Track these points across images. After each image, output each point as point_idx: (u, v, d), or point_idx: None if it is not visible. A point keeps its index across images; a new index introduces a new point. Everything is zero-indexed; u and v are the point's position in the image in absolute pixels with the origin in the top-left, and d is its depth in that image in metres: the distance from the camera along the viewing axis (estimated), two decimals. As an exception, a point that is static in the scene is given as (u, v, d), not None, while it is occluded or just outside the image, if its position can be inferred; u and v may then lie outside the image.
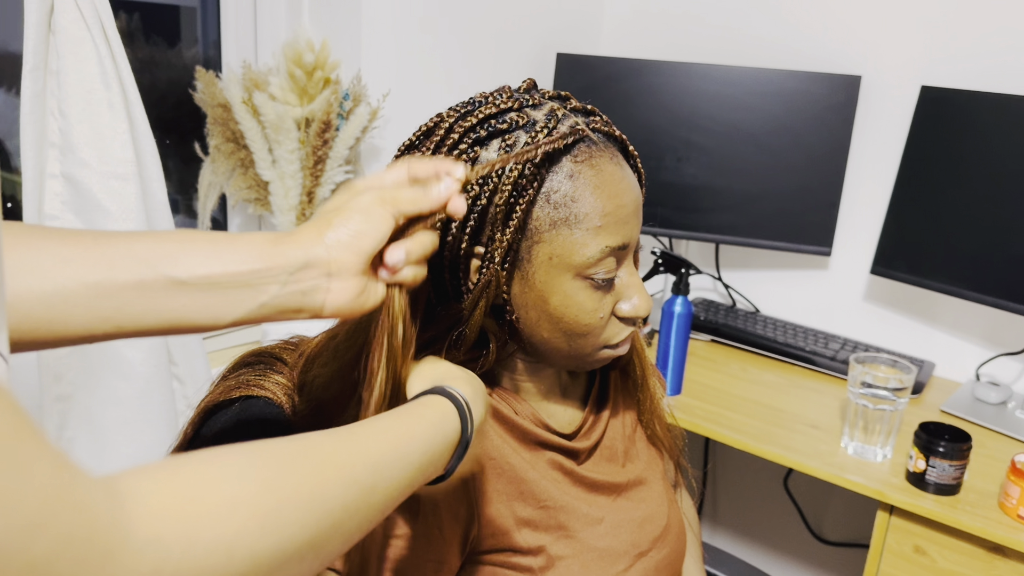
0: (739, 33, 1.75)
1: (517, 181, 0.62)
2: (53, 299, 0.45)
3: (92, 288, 0.46)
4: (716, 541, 2.01)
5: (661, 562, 0.79)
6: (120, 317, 0.47)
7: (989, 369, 1.55)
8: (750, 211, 1.66)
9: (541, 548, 0.70)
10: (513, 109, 0.65)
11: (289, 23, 1.49)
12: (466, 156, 0.63)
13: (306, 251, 0.51)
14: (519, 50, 1.75)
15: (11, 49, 1.25)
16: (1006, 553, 1.11)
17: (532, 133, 0.63)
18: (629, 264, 0.69)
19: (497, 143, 0.63)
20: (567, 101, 0.68)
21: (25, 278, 0.45)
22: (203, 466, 0.37)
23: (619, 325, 0.70)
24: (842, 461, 1.24)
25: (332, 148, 1.35)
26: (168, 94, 1.46)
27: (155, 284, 0.47)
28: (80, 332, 0.47)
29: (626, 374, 0.84)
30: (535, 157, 0.62)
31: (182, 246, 0.49)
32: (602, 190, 0.64)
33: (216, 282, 0.49)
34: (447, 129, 0.64)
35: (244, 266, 0.49)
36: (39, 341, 0.47)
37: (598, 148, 0.66)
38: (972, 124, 1.40)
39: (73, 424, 1.04)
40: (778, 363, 1.60)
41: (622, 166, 0.67)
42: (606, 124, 0.68)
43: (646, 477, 0.82)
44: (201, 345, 1.14)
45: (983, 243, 1.39)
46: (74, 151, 0.98)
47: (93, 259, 0.46)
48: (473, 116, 0.64)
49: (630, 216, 0.66)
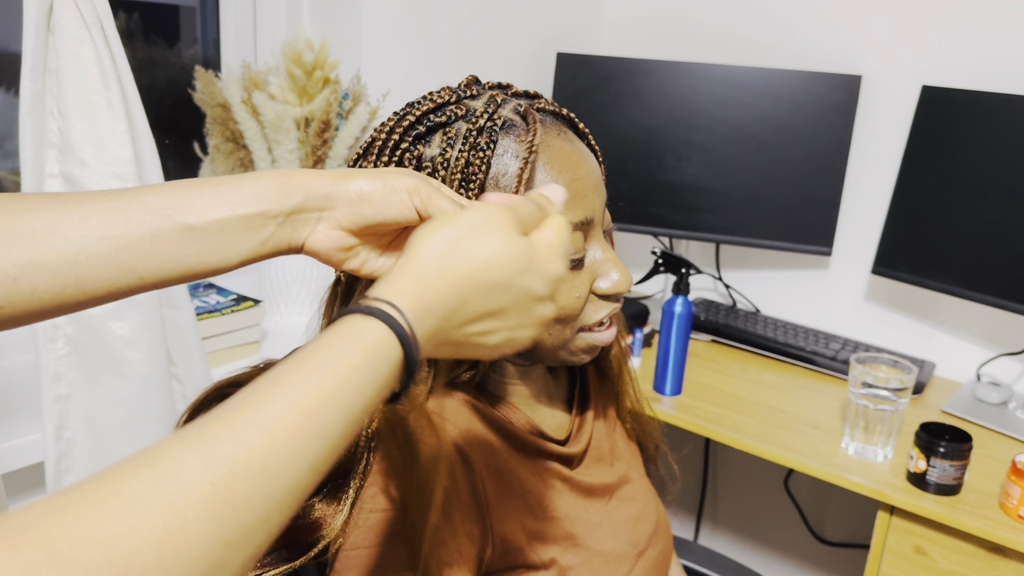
0: (739, 33, 1.75)
1: (464, 170, 0.61)
2: (78, 256, 0.47)
3: (112, 242, 0.48)
4: (716, 542, 2.01)
5: (657, 558, 0.79)
6: (141, 268, 0.49)
7: (990, 369, 1.55)
8: (750, 211, 1.66)
9: (552, 560, 0.69)
10: (452, 103, 0.64)
11: (289, 22, 1.49)
12: (409, 155, 0.62)
13: (307, 189, 0.53)
14: (519, 50, 1.75)
15: (10, 49, 1.24)
16: (1007, 553, 1.11)
17: (472, 121, 0.62)
18: (601, 241, 0.67)
19: (439, 137, 0.62)
20: (508, 89, 0.67)
21: (48, 240, 0.47)
22: None
23: (599, 303, 0.68)
24: (843, 461, 1.24)
25: (332, 148, 1.35)
26: (167, 94, 1.45)
27: (169, 232, 0.49)
28: (107, 287, 0.49)
29: (601, 371, 0.83)
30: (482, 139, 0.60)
31: (189, 194, 0.50)
32: (552, 165, 0.63)
33: (225, 225, 0.50)
34: (388, 131, 0.63)
35: (250, 208, 0.51)
36: (71, 303, 0.48)
37: (543, 126, 0.64)
38: (972, 124, 1.40)
39: (73, 424, 1.03)
40: (778, 363, 1.59)
41: (572, 141, 0.66)
42: (551, 104, 0.67)
43: (631, 474, 0.82)
44: (201, 345, 1.14)
45: (984, 243, 1.39)
46: (73, 151, 0.98)
47: (108, 215, 0.48)
48: (411, 115, 0.63)
49: (588, 189, 0.65)
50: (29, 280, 0.46)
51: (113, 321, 1.02)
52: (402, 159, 0.62)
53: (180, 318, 1.11)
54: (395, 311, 0.43)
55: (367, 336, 0.41)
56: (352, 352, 0.40)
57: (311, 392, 0.38)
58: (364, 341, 0.41)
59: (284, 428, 0.37)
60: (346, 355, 0.40)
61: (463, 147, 0.61)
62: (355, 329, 0.41)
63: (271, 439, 0.36)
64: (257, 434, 0.36)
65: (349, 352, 0.40)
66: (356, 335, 0.41)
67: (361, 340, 0.41)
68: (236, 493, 0.34)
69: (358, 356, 0.40)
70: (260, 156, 1.32)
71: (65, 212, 0.48)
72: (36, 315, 0.48)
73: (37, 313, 0.48)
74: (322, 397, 0.38)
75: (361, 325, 0.41)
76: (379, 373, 0.41)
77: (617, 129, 1.68)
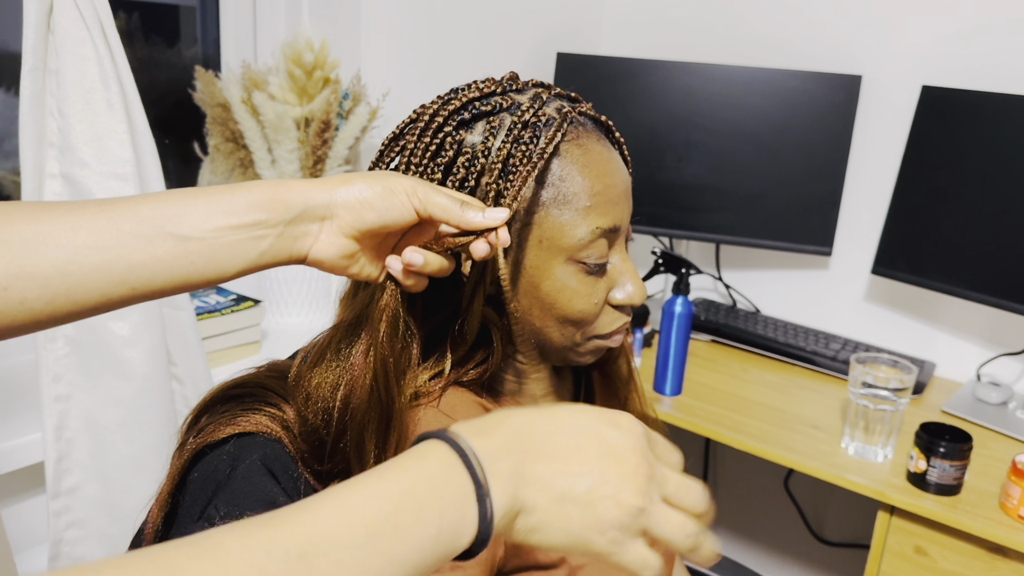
0: (739, 33, 1.75)
1: (506, 161, 0.61)
2: (69, 266, 0.47)
3: (104, 252, 0.47)
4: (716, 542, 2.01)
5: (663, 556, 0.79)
6: (133, 278, 0.48)
7: (990, 369, 1.55)
8: (750, 211, 1.66)
9: (562, 560, 0.69)
10: (497, 93, 0.64)
11: (288, 23, 1.48)
12: (451, 139, 0.62)
13: (306, 199, 0.52)
14: (519, 50, 1.75)
15: (10, 49, 1.24)
16: (1007, 554, 1.11)
17: (517, 115, 0.62)
18: (622, 250, 0.68)
19: (482, 125, 0.63)
20: (551, 89, 0.68)
21: (39, 250, 0.46)
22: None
23: (613, 314, 0.68)
24: (843, 461, 1.24)
25: (332, 148, 1.35)
26: (167, 94, 1.45)
27: (163, 243, 0.49)
28: (98, 298, 0.48)
29: (606, 373, 0.83)
30: (546, 152, 0.61)
31: (183, 204, 0.50)
32: (590, 169, 0.64)
33: (219, 235, 0.50)
34: (432, 114, 0.63)
35: (246, 218, 0.51)
36: (61, 314, 0.47)
37: (585, 129, 0.65)
38: (972, 124, 1.40)
39: (73, 424, 1.03)
40: (778, 363, 1.59)
41: (609, 148, 0.67)
42: (591, 110, 0.68)
43: None
44: (201, 345, 1.14)
45: (984, 243, 1.39)
46: (73, 151, 0.98)
47: (101, 225, 0.48)
48: (457, 100, 0.63)
49: (620, 197, 0.66)
50: (19, 289, 0.45)
51: (113, 321, 1.02)
52: (443, 142, 0.62)
53: (180, 318, 1.11)
54: (471, 455, 0.42)
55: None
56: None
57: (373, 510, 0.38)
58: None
59: (331, 525, 0.37)
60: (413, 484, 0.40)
61: (506, 139, 0.61)
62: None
63: (311, 529, 0.36)
64: (299, 525, 0.36)
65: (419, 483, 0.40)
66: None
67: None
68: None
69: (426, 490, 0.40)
70: (260, 156, 1.32)
71: (56, 221, 0.47)
72: (26, 326, 0.47)
73: (27, 324, 0.47)
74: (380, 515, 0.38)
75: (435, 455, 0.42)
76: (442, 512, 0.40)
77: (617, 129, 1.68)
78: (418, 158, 0.62)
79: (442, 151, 0.62)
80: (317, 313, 1.46)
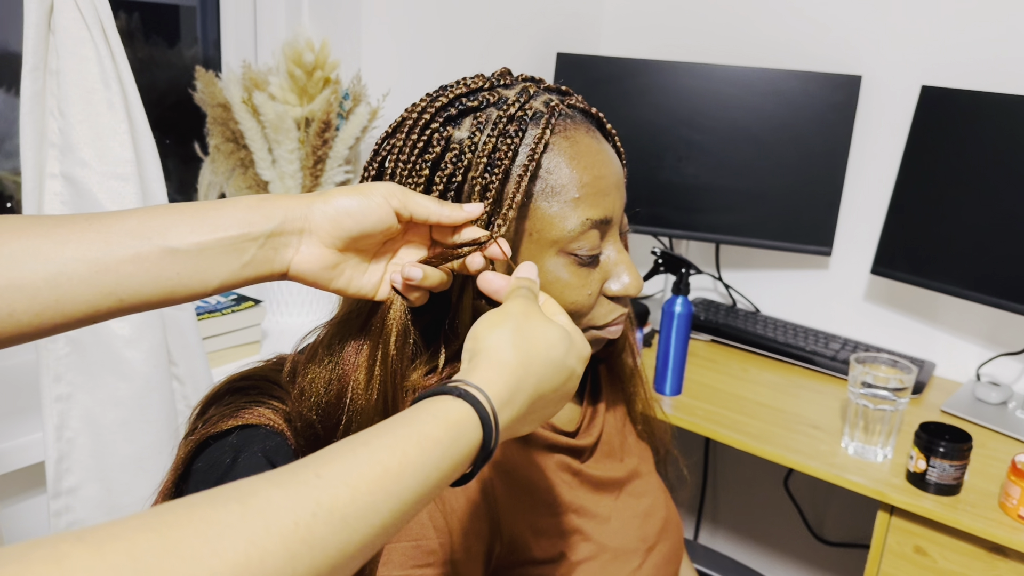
0: (739, 33, 1.75)
1: (491, 155, 0.61)
2: (58, 279, 0.47)
3: (92, 264, 0.48)
4: (716, 541, 2.01)
5: (667, 554, 0.79)
6: (121, 290, 0.49)
7: (990, 369, 1.55)
8: (750, 211, 1.66)
9: (561, 555, 0.69)
10: (485, 88, 0.65)
11: (289, 23, 1.49)
12: (438, 135, 0.62)
13: (285, 211, 0.54)
14: (519, 50, 1.75)
15: (11, 49, 1.25)
16: (1007, 553, 1.11)
17: (503, 109, 0.62)
18: (616, 242, 0.68)
19: (469, 121, 0.63)
20: (540, 83, 0.68)
21: (28, 263, 0.47)
22: (91, 558, 0.31)
23: (609, 305, 0.68)
24: (842, 461, 1.24)
25: (332, 148, 1.35)
26: (168, 94, 1.46)
27: (151, 255, 0.49)
28: (86, 310, 0.49)
29: (612, 368, 0.83)
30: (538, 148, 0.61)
31: (171, 217, 0.51)
32: (578, 161, 0.64)
33: (206, 247, 0.51)
34: (420, 111, 0.63)
35: (232, 230, 0.52)
36: (48, 326, 0.48)
37: (573, 121, 0.65)
38: (972, 124, 1.40)
39: (73, 424, 1.03)
40: (778, 363, 1.60)
41: (599, 140, 0.67)
42: (581, 102, 0.67)
43: (642, 470, 0.82)
44: (201, 345, 1.14)
45: (984, 243, 1.39)
46: (74, 151, 0.98)
47: (90, 238, 0.48)
48: (445, 96, 0.64)
49: (611, 188, 0.65)
50: (7, 301, 0.46)
51: (114, 321, 1.02)
52: (431, 139, 0.62)
53: (180, 318, 1.11)
54: (482, 396, 0.47)
55: (453, 416, 0.45)
56: (437, 428, 0.44)
57: (395, 457, 0.42)
58: (449, 420, 0.45)
59: (367, 485, 0.40)
60: (431, 430, 0.44)
61: (492, 132, 0.61)
62: (444, 408, 0.46)
63: (354, 492, 0.39)
64: (342, 486, 0.39)
65: (434, 427, 0.44)
66: (444, 413, 0.45)
67: (447, 418, 0.45)
68: (315, 536, 0.36)
69: (441, 432, 0.44)
70: (260, 156, 1.32)
71: (45, 234, 0.48)
72: (13, 338, 0.47)
73: (14, 336, 0.47)
74: (404, 463, 0.42)
75: (450, 406, 0.46)
76: (458, 451, 0.45)
77: (617, 129, 1.67)
78: (406, 155, 0.62)
79: (430, 147, 0.62)
80: (317, 313, 1.46)
